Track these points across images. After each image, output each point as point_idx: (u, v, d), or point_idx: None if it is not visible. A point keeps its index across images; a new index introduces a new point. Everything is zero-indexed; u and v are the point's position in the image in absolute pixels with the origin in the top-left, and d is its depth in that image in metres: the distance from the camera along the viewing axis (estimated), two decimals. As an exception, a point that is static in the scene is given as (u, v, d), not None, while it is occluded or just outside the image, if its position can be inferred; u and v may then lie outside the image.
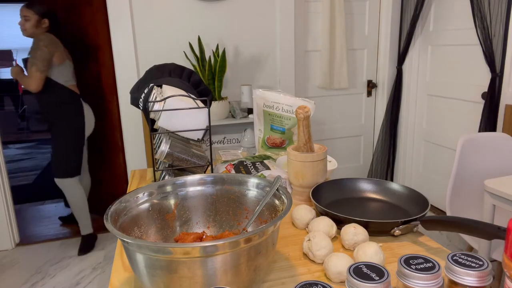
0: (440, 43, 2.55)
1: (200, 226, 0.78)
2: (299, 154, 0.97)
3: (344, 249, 0.77)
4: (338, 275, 0.64)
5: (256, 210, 0.70)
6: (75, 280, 2.27)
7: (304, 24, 2.78)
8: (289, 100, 1.20)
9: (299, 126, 0.96)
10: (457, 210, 1.80)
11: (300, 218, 0.85)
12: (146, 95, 1.08)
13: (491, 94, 2.13)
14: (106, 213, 0.61)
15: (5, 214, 2.58)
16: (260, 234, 0.54)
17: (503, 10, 2.03)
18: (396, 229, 0.78)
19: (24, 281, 2.27)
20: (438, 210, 2.71)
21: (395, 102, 2.93)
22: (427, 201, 0.86)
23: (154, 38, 2.50)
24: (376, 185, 0.98)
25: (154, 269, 0.54)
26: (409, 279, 0.45)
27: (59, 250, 2.63)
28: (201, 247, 0.51)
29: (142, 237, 0.69)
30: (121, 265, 0.74)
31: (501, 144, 1.85)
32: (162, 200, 0.75)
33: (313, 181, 0.97)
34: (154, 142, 1.11)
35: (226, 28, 2.59)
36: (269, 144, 1.28)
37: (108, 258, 2.50)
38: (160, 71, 1.23)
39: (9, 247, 2.64)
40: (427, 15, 2.68)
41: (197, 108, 1.03)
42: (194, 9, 2.52)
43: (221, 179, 0.79)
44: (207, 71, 2.36)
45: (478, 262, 0.46)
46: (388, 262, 0.71)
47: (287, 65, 2.75)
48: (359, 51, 2.99)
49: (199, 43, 2.43)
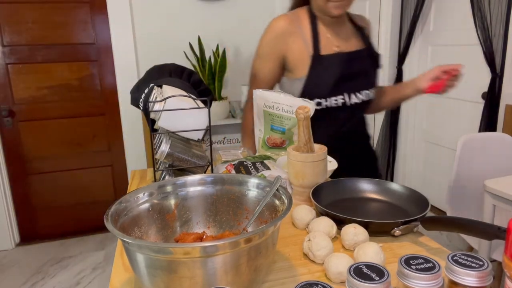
0: (440, 43, 2.55)
1: (200, 226, 0.78)
2: (299, 154, 0.97)
3: (344, 249, 0.77)
4: (339, 275, 0.64)
5: (256, 210, 0.70)
6: (75, 280, 2.27)
7: (304, 24, 2.78)
8: (289, 100, 1.20)
9: (299, 126, 0.96)
10: (457, 210, 1.80)
11: (300, 218, 0.85)
12: (146, 95, 1.08)
13: (491, 94, 2.13)
14: (106, 213, 0.61)
15: (5, 214, 2.58)
16: (260, 234, 0.54)
17: (503, 10, 2.02)
18: (396, 229, 0.78)
19: (24, 281, 2.28)
20: (438, 210, 2.71)
21: (395, 102, 2.93)
22: (427, 201, 0.86)
23: (154, 38, 2.50)
24: (376, 185, 0.98)
25: (154, 269, 0.54)
26: (409, 279, 0.45)
27: (59, 250, 2.63)
28: (201, 247, 0.51)
29: (143, 237, 0.69)
30: (121, 265, 0.74)
31: (501, 144, 1.85)
32: (162, 200, 0.75)
33: (313, 181, 0.97)
34: (154, 142, 1.11)
35: (226, 28, 2.59)
36: (269, 144, 1.28)
37: (108, 258, 2.50)
38: (160, 71, 1.23)
39: (9, 247, 2.64)
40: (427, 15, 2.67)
41: (197, 108, 1.03)
42: (194, 9, 2.52)
43: (221, 179, 0.79)
44: (207, 71, 2.36)
45: (478, 262, 0.46)
46: (388, 262, 0.71)
47: (287, 65, 2.75)
48: (359, 51, 2.99)
49: (199, 43, 2.43)
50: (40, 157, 2.67)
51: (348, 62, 1.24)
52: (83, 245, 2.70)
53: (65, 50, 2.57)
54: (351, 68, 1.24)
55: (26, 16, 2.45)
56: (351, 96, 1.25)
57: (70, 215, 2.82)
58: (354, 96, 1.26)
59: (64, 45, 2.56)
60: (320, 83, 1.22)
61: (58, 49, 2.55)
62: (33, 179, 2.70)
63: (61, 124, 2.66)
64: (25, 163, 2.65)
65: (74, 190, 2.79)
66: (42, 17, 2.48)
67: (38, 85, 2.57)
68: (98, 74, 2.66)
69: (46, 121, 2.63)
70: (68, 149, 2.72)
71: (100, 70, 2.65)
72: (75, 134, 2.71)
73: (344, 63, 1.23)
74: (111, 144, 2.80)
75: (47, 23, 2.50)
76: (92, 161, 2.79)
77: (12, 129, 2.58)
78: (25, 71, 2.53)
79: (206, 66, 2.37)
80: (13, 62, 2.50)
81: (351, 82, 1.25)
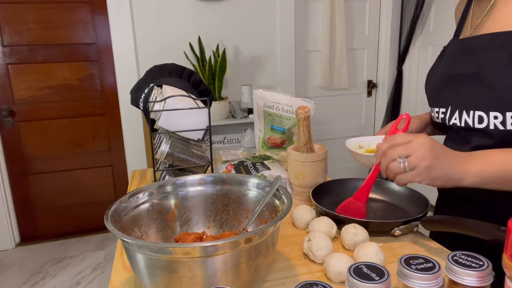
0: (440, 43, 2.55)
1: (200, 226, 0.78)
2: (299, 154, 0.97)
3: (344, 249, 0.77)
4: (338, 275, 0.64)
5: (256, 210, 0.70)
6: (75, 280, 2.27)
7: (304, 24, 2.78)
8: (289, 100, 1.20)
9: (299, 126, 0.96)
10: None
11: (300, 218, 0.85)
12: (146, 95, 1.08)
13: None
14: (107, 213, 0.61)
15: (5, 214, 2.58)
16: (260, 234, 0.54)
17: (503, 10, 2.02)
18: (397, 229, 0.78)
19: (24, 281, 2.28)
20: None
21: (395, 102, 2.93)
22: (427, 201, 0.86)
23: (154, 38, 2.50)
24: (376, 185, 0.98)
25: (154, 269, 0.54)
26: (410, 279, 0.45)
27: (59, 250, 2.63)
28: (201, 247, 0.51)
29: (143, 237, 0.69)
30: (121, 265, 0.74)
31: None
32: (162, 200, 0.75)
33: (313, 181, 0.97)
34: (154, 142, 1.11)
35: (226, 28, 2.59)
36: (270, 144, 1.28)
37: (108, 258, 2.50)
38: (160, 71, 1.23)
39: (9, 247, 2.64)
40: (427, 15, 2.67)
41: (198, 108, 1.03)
42: (194, 9, 2.52)
43: (221, 179, 0.79)
44: (207, 71, 2.36)
45: (478, 262, 0.46)
46: (388, 262, 0.71)
47: (287, 65, 2.75)
48: (359, 51, 2.99)
49: (199, 43, 2.43)
50: (40, 157, 2.67)
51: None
52: (83, 245, 2.70)
53: (65, 50, 2.57)
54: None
55: (26, 16, 2.45)
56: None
57: (70, 215, 2.82)
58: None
59: (64, 45, 2.56)
60: None
61: (58, 49, 2.55)
62: (33, 179, 2.69)
63: (61, 124, 2.66)
64: (25, 163, 2.65)
65: (74, 190, 2.79)
66: (42, 17, 2.48)
67: (38, 85, 2.57)
68: (98, 74, 2.66)
69: (46, 121, 2.63)
70: (68, 149, 2.72)
71: (100, 70, 2.65)
72: (75, 134, 2.71)
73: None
74: (111, 144, 2.80)
75: (47, 23, 2.50)
76: (92, 161, 2.79)
77: (12, 129, 2.58)
78: (25, 71, 2.53)
79: (206, 66, 2.37)
80: (13, 62, 2.50)
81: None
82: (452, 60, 0.81)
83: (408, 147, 0.67)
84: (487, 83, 0.71)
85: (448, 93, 0.80)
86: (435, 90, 0.84)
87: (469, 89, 0.75)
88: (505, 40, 0.70)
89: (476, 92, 0.73)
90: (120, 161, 2.81)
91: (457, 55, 0.80)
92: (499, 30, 0.72)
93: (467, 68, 0.76)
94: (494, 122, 0.70)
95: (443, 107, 0.81)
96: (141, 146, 2.62)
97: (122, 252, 0.78)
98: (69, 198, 2.79)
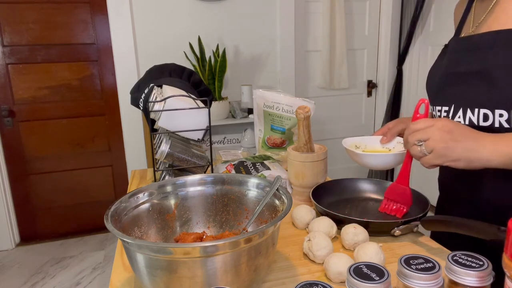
0: (440, 43, 2.55)
1: (200, 226, 0.78)
2: (299, 154, 0.97)
3: (344, 249, 0.77)
4: (338, 275, 0.64)
5: (256, 210, 0.70)
6: (75, 280, 2.27)
7: (304, 24, 2.78)
8: (289, 100, 1.20)
9: (299, 126, 0.96)
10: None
11: (300, 218, 0.85)
12: (146, 95, 1.08)
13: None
14: (107, 213, 0.61)
15: (5, 214, 2.58)
16: (260, 234, 0.54)
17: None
18: (396, 229, 0.78)
19: (24, 281, 2.28)
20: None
21: (395, 102, 2.93)
22: (427, 201, 0.86)
23: (154, 38, 2.50)
24: (376, 185, 0.98)
25: (154, 269, 0.54)
26: (410, 279, 0.45)
27: (59, 250, 2.63)
28: (201, 247, 0.51)
29: (143, 237, 0.69)
30: (121, 265, 0.74)
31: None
32: (162, 200, 0.75)
33: (313, 181, 0.97)
34: (154, 142, 1.11)
35: (226, 28, 2.59)
36: (270, 144, 1.28)
37: (108, 258, 2.50)
38: (160, 71, 1.23)
39: (9, 247, 2.64)
40: (427, 15, 2.68)
41: (197, 108, 1.03)
42: (194, 9, 2.52)
43: (221, 179, 0.79)
44: (207, 71, 2.36)
45: (478, 262, 0.46)
46: (388, 262, 0.71)
47: (287, 65, 2.75)
48: (359, 51, 2.99)
49: (199, 43, 2.43)
50: (40, 157, 2.67)
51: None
52: (83, 245, 2.70)
53: (65, 50, 2.57)
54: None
55: (26, 16, 2.45)
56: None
57: (70, 215, 2.82)
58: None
59: (64, 45, 2.56)
60: None
61: (58, 49, 2.55)
62: (33, 179, 2.69)
63: (61, 124, 2.66)
64: (25, 163, 2.65)
65: (74, 190, 2.79)
66: (42, 17, 2.48)
67: (38, 85, 2.57)
68: (98, 74, 2.66)
69: (46, 121, 2.63)
70: (68, 149, 2.71)
71: (100, 70, 2.65)
72: (75, 134, 2.71)
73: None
74: (111, 144, 2.80)
75: (47, 23, 2.50)
76: (92, 161, 2.79)
77: (12, 129, 2.58)
78: (25, 71, 2.53)
79: (206, 66, 2.37)
80: (13, 62, 2.50)
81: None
82: (455, 58, 0.81)
83: (427, 131, 0.68)
84: (492, 81, 0.71)
85: (451, 91, 0.80)
86: (437, 88, 0.84)
87: (473, 87, 0.75)
88: (510, 37, 0.70)
89: (480, 90, 0.73)
90: (120, 161, 2.81)
91: (459, 53, 0.80)
92: (503, 28, 0.72)
93: (471, 65, 0.75)
94: (499, 120, 0.70)
95: (446, 106, 0.80)
96: (141, 146, 2.62)
97: (122, 252, 0.78)
98: (69, 198, 2.79)
